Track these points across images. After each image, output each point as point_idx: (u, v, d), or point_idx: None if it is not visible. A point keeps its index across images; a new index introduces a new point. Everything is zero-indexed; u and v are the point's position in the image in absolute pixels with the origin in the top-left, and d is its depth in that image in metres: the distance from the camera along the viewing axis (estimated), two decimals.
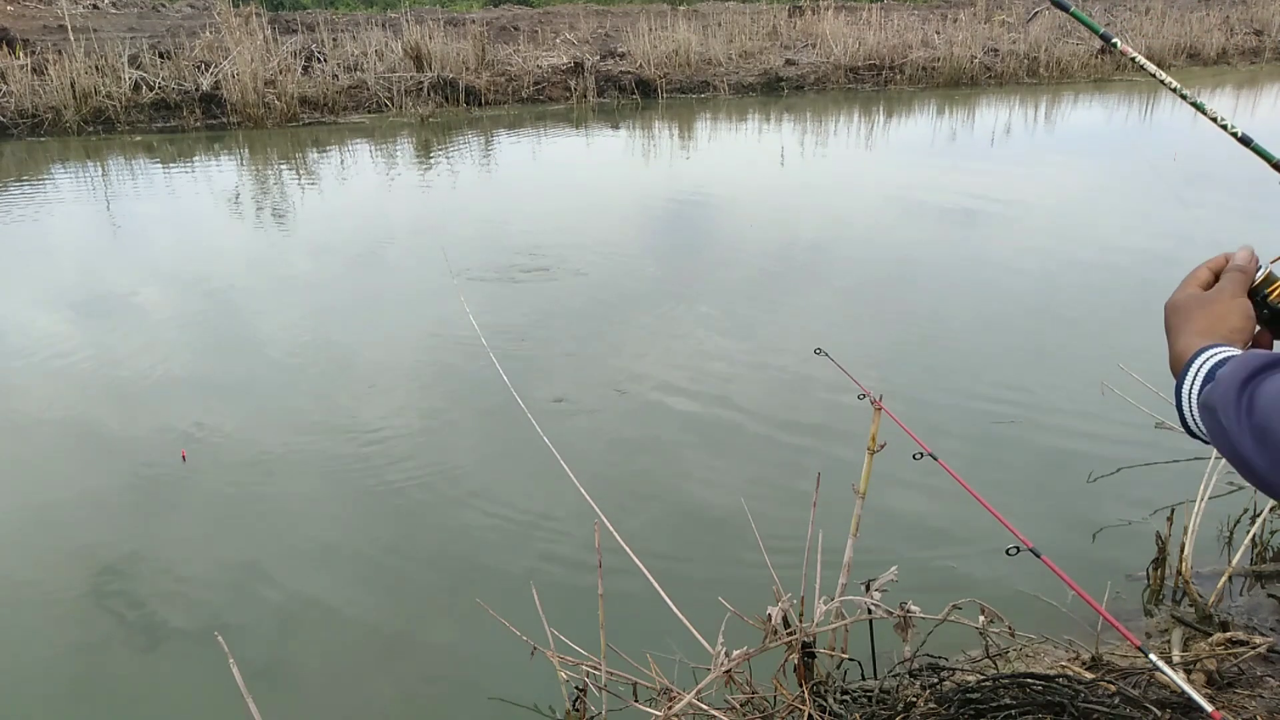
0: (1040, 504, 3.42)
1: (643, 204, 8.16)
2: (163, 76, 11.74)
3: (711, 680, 1.92)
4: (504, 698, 2.50)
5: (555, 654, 2.03)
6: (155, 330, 5.22)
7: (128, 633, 2.86)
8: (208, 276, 6.13)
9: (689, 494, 3.57)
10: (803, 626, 2.06)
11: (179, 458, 3.82)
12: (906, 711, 2.06)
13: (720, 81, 14.44)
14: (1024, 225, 7.29)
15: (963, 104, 13.52)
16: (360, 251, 6.75)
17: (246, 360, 4.82)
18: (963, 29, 16.38)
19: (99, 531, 3.37)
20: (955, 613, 2.14)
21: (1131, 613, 2.83)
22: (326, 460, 3.83)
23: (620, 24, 16.98)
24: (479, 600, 2.46)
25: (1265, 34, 18.91)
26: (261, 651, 2.76)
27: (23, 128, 10.85)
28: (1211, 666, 2.31)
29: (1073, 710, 1.93)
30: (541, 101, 13.52)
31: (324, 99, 12.25)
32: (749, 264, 6.38)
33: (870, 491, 2.23)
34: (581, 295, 5.70)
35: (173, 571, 3.14)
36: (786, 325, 5.23)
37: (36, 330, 5.24)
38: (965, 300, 5.57)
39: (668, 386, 4.41)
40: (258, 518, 3.45)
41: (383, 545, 3.29)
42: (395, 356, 4.84)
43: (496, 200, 8.37)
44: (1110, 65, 16.13)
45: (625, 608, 2.67)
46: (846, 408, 4.05)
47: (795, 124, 12.34)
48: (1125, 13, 19.65)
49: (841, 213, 7.79)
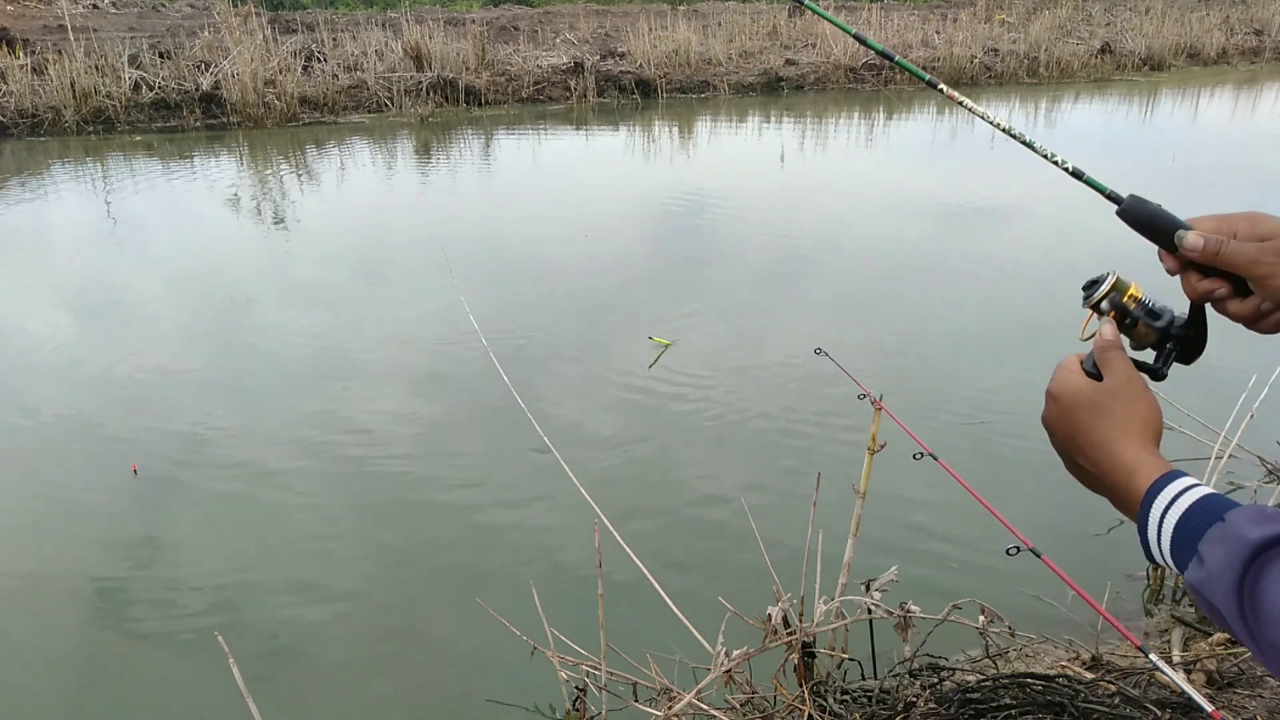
0: (1040, 504, 3.42)
1: (642, 204, 8.16)
2: (163, 76, 11.73)
3: (711, 680, 1.92)
4: (504, 698, 2.50)
5: (555, 654, 2.03)
6: (155, 330, 5.22)
7: (128, 633, 2.86)
8: (208, 276, 6.13)
9: (689, 494, 3.56)
10: (803, 626, 2.06)
11: (179, 457, 3.82)
12: (906, 711, 2.06)
13: (720, 81, 14.44)
14: (1024, 224, 7.29)
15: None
16: (360, 251, 6.75)
17: (246, 360, 4.82)
18: (963, 29, 16.38)
19: (99, 531, 3.37)
20: (955, 613, 2.14)
21: (1131, 613, 2.83)
22: (326, 460, 3.83)
23: (620, 24, 16.97)
24: (479, 600, 2.46)
25: (1265, 34, 18.92)
26: (261, 651, 2.76)
27: (23, 127, 10.85)
28: (1211, 666, 2.31)
29: (1073, 710, 1.93)
30: (541, 101, 13.51)
31: (324, 99, 12.24)
32: (749, 264, 6.38)
33: (870, 491, 2.23)
34: (582, 295, 5.70)
35: (173, 571, 3.14)
36: (786, 325, 5.23)
37: (36, 330, 5.23)
38: (965, 300, 5.57)
39: (668, 386, 4.41)
40: (257, 518, 3.45)
41: (383, 545, 3.29)
42: (395, 356, 4.84)
43: (496, 200, 8.37)
44: (1110, 65, 16.13)
45: (625, 608, 2.67)
46: (846, 408, 4.05)
47: (795, 124, 12.34)
48: (1125, 13, 19.65)
49: (841, 213, 7.79)
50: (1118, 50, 16.49)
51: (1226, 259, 0.77)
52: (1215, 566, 0.67)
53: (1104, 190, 0.88)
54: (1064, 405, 0.82)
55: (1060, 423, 0.82)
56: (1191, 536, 0.70)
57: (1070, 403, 0.81)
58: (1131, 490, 0.76)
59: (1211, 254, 0.78)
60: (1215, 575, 0.67)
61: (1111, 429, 0.78)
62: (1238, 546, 0.66)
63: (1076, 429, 0.81)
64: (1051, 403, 0.83)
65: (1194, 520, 0.70)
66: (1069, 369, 0.84)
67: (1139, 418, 0.79)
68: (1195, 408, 3.34)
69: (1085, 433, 0.80)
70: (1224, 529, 0.68)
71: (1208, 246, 0.78)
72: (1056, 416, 0.83)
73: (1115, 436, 0.78)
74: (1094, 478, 0.81)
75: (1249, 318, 0.80)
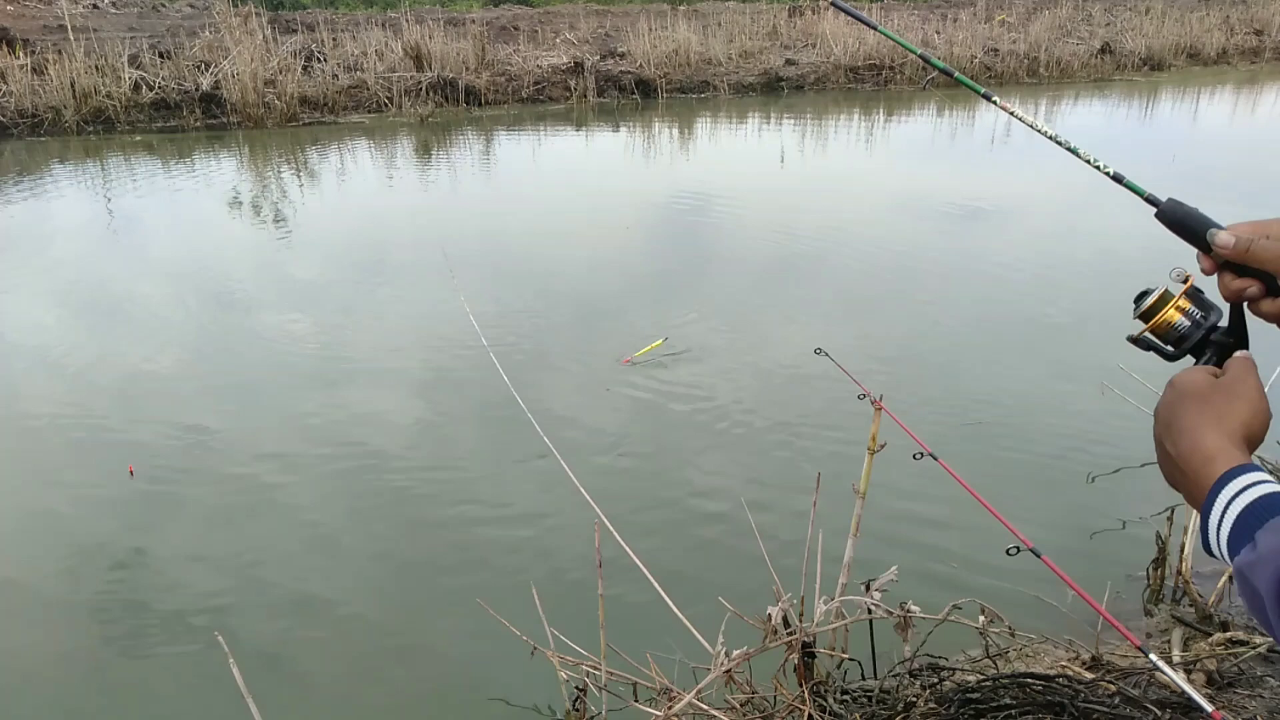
0: (1040, 504, 3.42)
1: (642, 204, 8.16)
2: (163, 76, 11.73)
3: (711, 680, 1.92)
4: (504, 698, 2.50)
5: (555, 654, 2.03)
6: (156, 329, 5.22)
7: (128, 633, 2.86)
8: (208, 276, 6.13)
9: (689, 494, 3.56)
10: (803, 626, 2.06)
11: (179, 456, 3.82)
12: (906, 711, 2.06)
13: (720, 81, 14.44)
14: (1024, 225, 7.29)
15: (962, 104, 13.51)
16: (360, 251, 6.75)
17: (246, 360, 4.82)
18: (963, 29, 16.38)
19: (99, 531, 3.37)
20: (955, 613, 2.14)
21: (1131, 613, 2.83)
22: (326, 459, 3.83)
23: (620, 24, 16.97)
24: (479, 600, 2.45)
25: (1265, 34, 18.92)
26: (261, 652, 2.76)
27: (23, 127, 10.85)
28: (1211, 666, 2.31)
29: (1073, 710, 1.93)
30: (541, 101, 13.51)
31: (324, 99, 12.25)
32: (749, 264, 6.38)
33: (870, 491, 2.23)
34: (582, 295, 5.70)
35: (173, 571, 3.14)
36: (786, 325, 5.23)
37: (36, 329, 5.23)
38: (965, 300, 5.57)
39: (668, 386, 4.41)
40: (258, 517, 3.45)
41: (383, 545, 3.29)
42: (395, 356, 4.84)
43: (496, 200, 8.37)
44: (1110, 65, 16.13)
45: (625, 608, 2.67)
46: (846, 408, 4.05)
47: (795, 124, 12.34)
48: (1125, 12, 19.65)
49: (841, 212, 7.78)
50: (1118, 50, 16.49)
51: (1256, 256, 0.79)
52: (1267, 550, 0.67)
53: (1143, 193, 0.92)
54: (1177, 393, 0.83)
55: (1165, 410, 0.83)
56: (1253, 525, 0.70)
57: (1182, 391, 0.82)
58: (1205, 475, 0.76)
59: (1242, 251, 0.80)
60: (1265, 558, 0.67)
61: (1206, 417, 0.79)
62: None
63: (1176, 414, 0.81)
64: (1169, 390, 0.85)
65: (1260, 510, 0.71)
66: (1198, 368, 0.85)
67: (1239, 415, 0.79)
68: None
69: (1181, 418, 0.80)
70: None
71: (1238, 244, 0.80)
72: (1166, 402, 0.84)
73: (1206, 424, 0.78)
74: (1174, 463, 0.80)
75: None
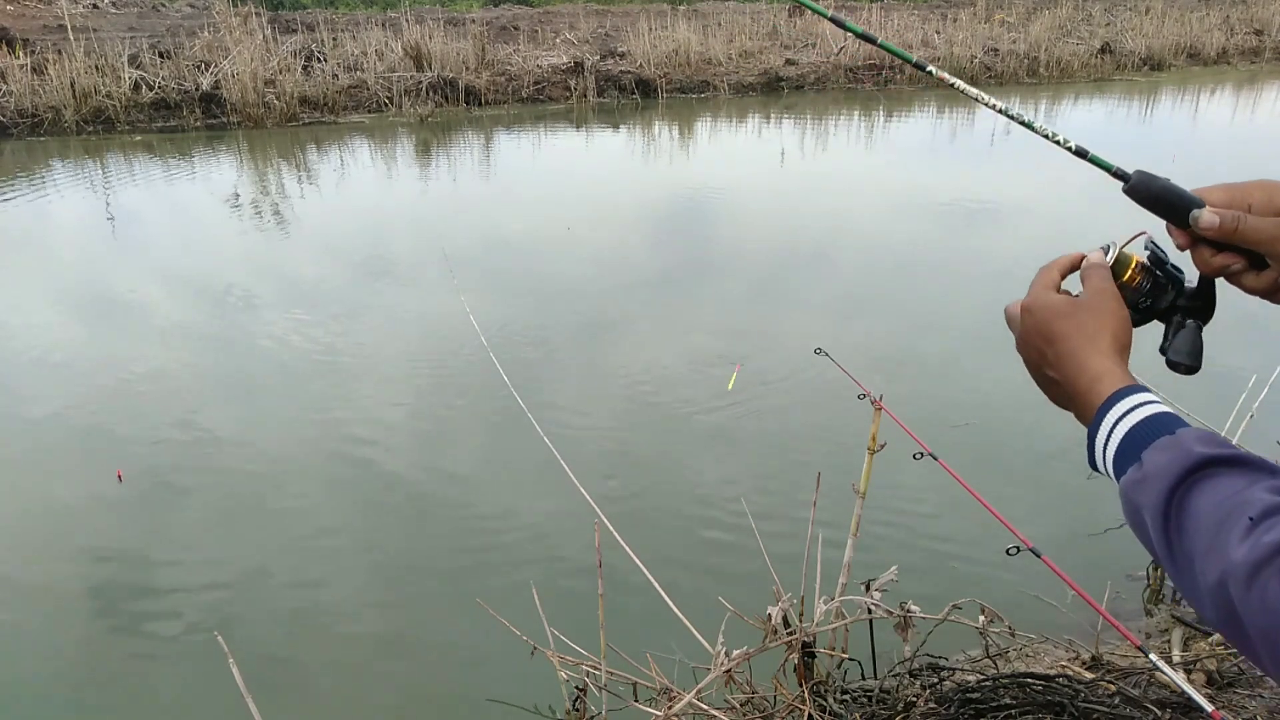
0: (1040, 504, 3.42)
1: (642, 204, 8.16)
2: (162, 76, 11.73)
3: (711, 680, 1.92)
4: (504, 698, 2.50)
5: (555, 654, 2.03)
6: (156, 330, 5.22)
7: (128, 633, 2.86)
8: (208, 276, 6.12)
9: (689, 494, 3.57)
10: (803, 626, 2.06)
11: (179, 456, 3.81)
12: (906, 711, 2.06)
13: (720, 81, 14.44)
14: (1024, 224, 7.28)
15: (962, 104, 13.51)
16: (361, 252, 6.74)
17: (246, 360, 4.81)
18: (963, 29, 16.38)
19: (99, 531, 3.37)
20: (955, 613, 2.14)
21: (1131, 613, 2.83)
22: (326, 460, 3.83)
23: (620, 24, 16.97)
24: (479, 600, 2.45)
25: (1265, 34, 18.91)
26: (261, 651, 2.76)
27: (23, 127, 10.84)
28: (1211, 666, 2.32)
29: (1073, 710, 1.93)
30: (541, 101, 13.51)
31: (324, 99, 12.24)
32: (749, 264, 6.38)
33: (870, 491, 2.23)
34: (582, 295, 5.70)
35: (173, 572, 3.14)
36: (786, 325, 5.23)
37: (36, 329, 5.23)
38: (965, 300, 5.57)
39: (668, 386, 4.41)
40: (258, 518, 3.45)
41: (383, 545, 3.29)
42: (395, 357, 4.84)
43: (496, 200, 8.36)
44: (1110, 65, 16.13)
45: (625, 607, 2.67)
46: (846, 408, 4.05)
47: (795, 124, 12.34)
48: (1125, 12, 19.65)
49: (841, 212, 7.78)
50: (1118, 50, 16.49)
51: (1244, 236, 0.75)
52: (1153, 469, 0.68)
53: (1110, 168, 0.86)
54: (1038, 317, 0.82)
55: (1033, 335, 0.82)
56: (1140, 444, 0.71)
57: (1044, 314, 0.81)
58: (1094, 395, 0.76)
59: (1229, 232, 0.75)
60: (1150, 478, 0.67)
61: (1081, 338, 0.79)
62: (1181, 456, 0.66)
63: (1048, 339, 0.81)
64: (1026, 315, 0.83)
65: (1146, 430, 0.71)
66: (1045, 285, 0.84)
67: (1109, 330, 0.79)
68: (1195, 408, 3.33)
69: (1056, 342, 0.80)
70: (1173, 440, 0.68)
71: (1224, 225, 0.75)
72: (1030, 329, 0.83)
73: (1084, 345, 0.78)
74: (1059, 386, 0.81)
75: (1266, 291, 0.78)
